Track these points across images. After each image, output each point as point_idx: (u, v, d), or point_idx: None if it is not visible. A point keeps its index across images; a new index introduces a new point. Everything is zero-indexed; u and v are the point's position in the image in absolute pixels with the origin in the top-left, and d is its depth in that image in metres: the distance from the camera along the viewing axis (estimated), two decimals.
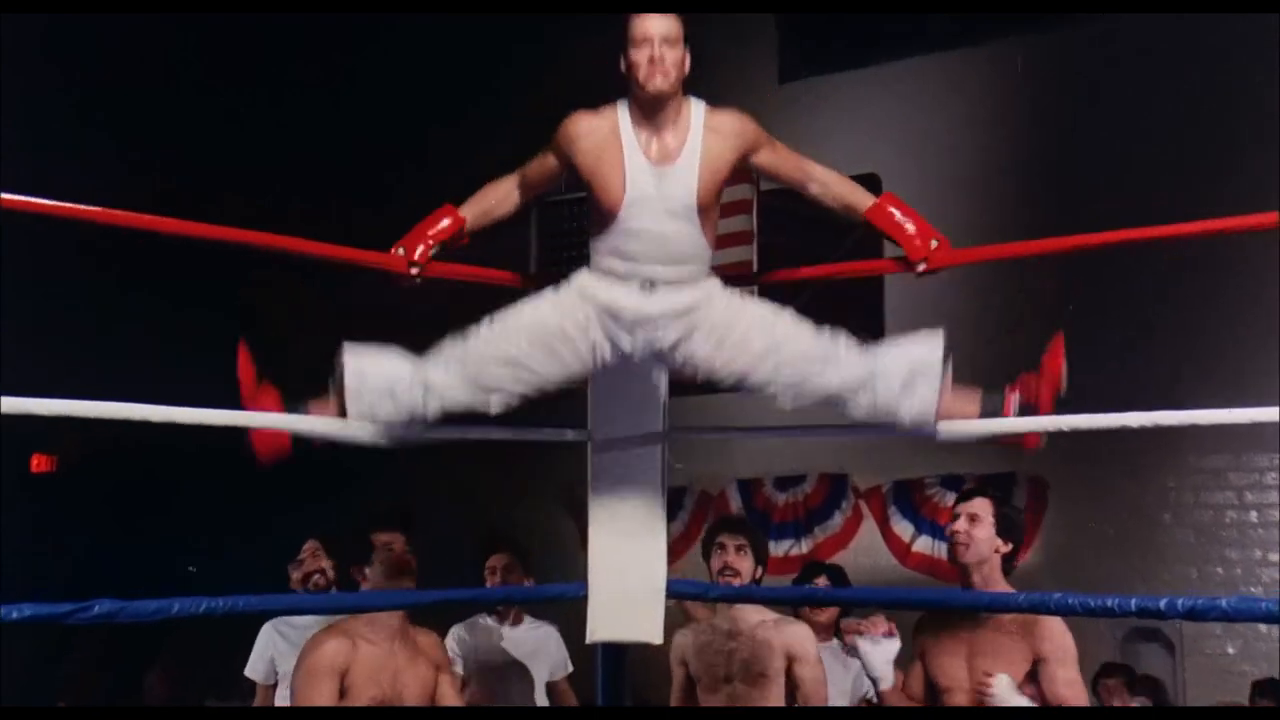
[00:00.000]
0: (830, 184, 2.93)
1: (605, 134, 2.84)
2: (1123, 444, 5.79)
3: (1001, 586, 3.41)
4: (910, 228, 2.91)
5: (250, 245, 2.86)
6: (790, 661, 3.84)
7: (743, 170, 2.93)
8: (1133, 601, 2.60)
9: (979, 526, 3.43)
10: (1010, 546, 3.49)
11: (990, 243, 6.31)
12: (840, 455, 6.59)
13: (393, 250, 2.97)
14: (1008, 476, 6.13)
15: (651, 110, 2.83)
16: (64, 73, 6.76)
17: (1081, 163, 6.23)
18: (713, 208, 2.86)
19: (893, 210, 2.93)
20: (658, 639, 3.29)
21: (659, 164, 2.81)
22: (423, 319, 2.99)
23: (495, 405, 2.90)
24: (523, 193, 3.02)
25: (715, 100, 2.93)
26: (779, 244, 6.46)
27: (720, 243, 6.81)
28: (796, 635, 3.87)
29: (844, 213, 2.94)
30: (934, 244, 2.90)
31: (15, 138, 5.99)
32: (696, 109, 2.87)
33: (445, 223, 2.99)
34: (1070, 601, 2.68)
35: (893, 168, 6.64)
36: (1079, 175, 6.23)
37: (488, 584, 4.59)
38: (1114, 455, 5.77)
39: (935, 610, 3.44)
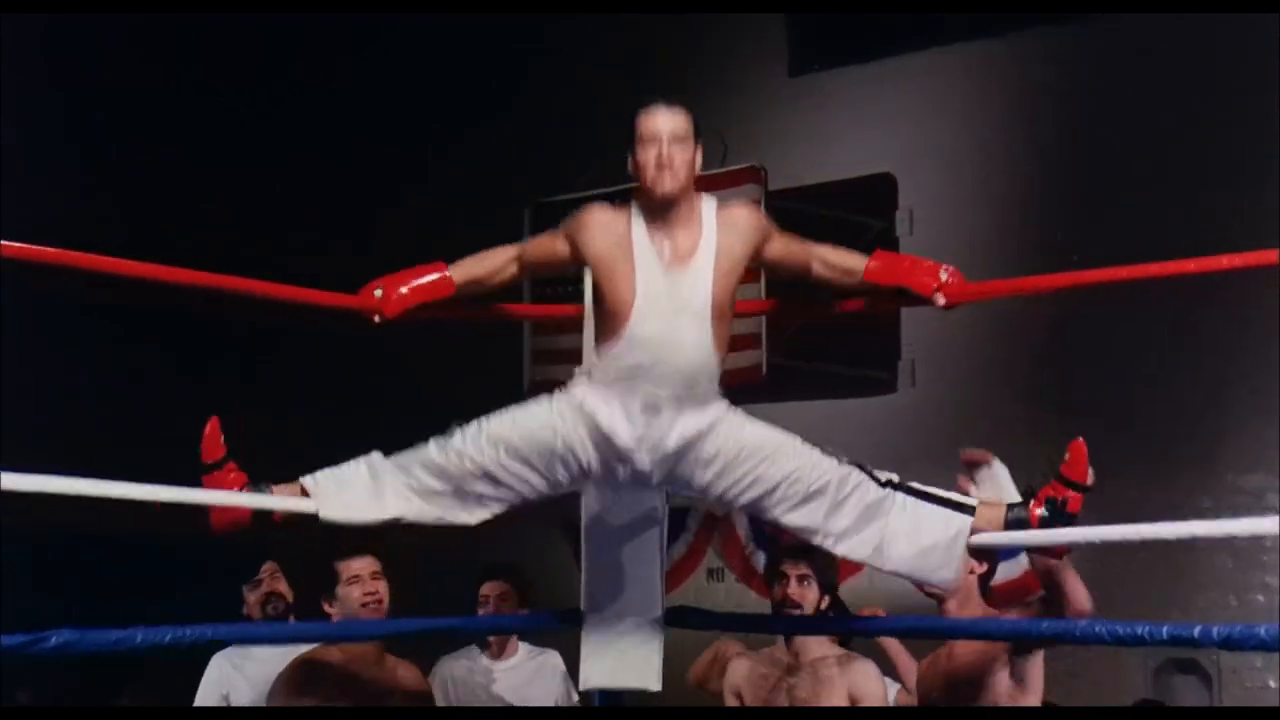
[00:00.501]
0: (829, 256, 2.99)
1: (618, 232, 2.85)
2: (1156, 460, 5.76)
3: (981, 610, 3.38)
4: (915, 266, 2.95)
5: (207, 288, 2.85)
6: (853, 702, 3.76)
7: (753, 268, 2.95)
8: (1164, 629, 2.58)
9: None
10: (985, 567, 3.46)
11: (1011, 245, 6.34)
12: None
13: (370, 289, 2.96)
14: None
15: (662, 211, 2.84)
16: (64, 73, 6.90)
17: (1104, 160, 6.20)
18: (726, 312, 2.87)
19: (891, 259, 2.99)
20: (655, 685, 3.28)
21: (672, 266, 2.82)
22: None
23: (474, 520, 2.93)
24: (520, 269, 3.02)
25: (724, 93, 2.93)
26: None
27: None
28: (862, 673, 3.78)
29: (845, 279, 3.01)
30: (944, 275, 2.92)
31: (14, 137, 6.13)
32: (708, 206, 2.89)
33: (430, 279, 2.97)
34: (1098, 629, 2.67)
35: (908, 166, 6.62)
36: (1102, 173, 6.20)
37: (480, 615, 4.53)
38: (1146, 472, 5.73)
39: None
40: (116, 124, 7.21)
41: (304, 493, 2.89)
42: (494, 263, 3.01)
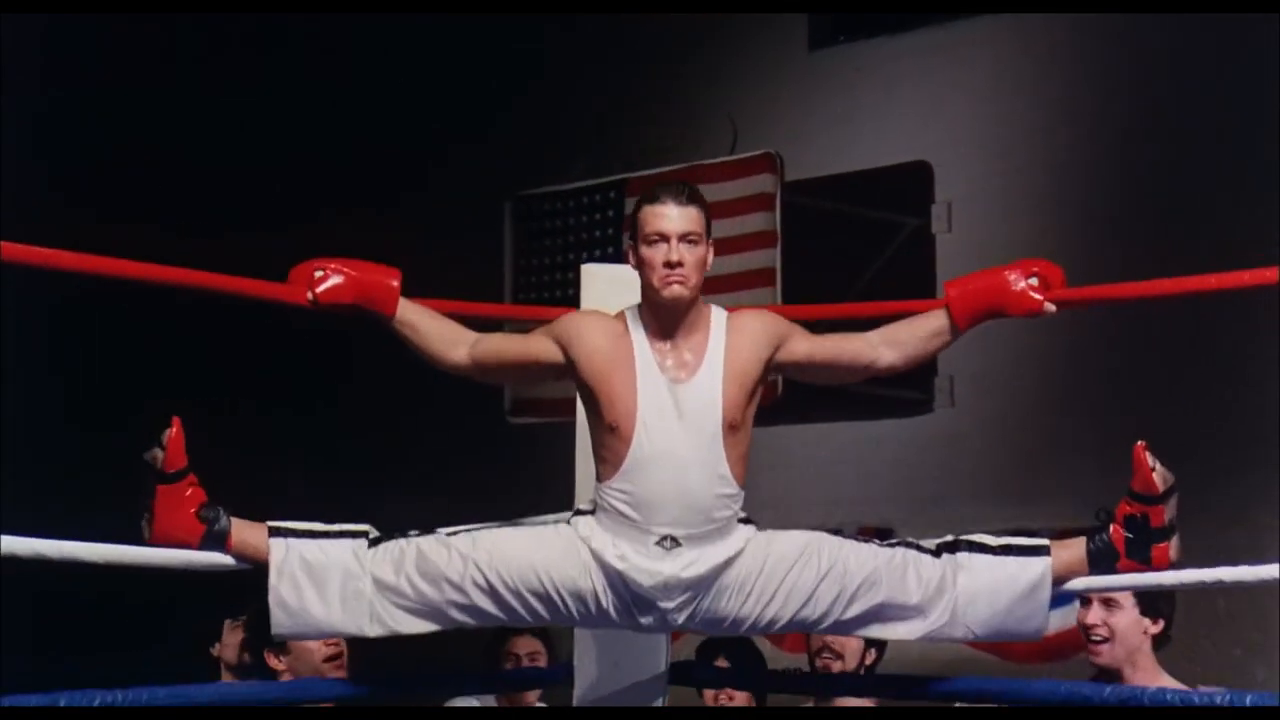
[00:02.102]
0: (899, 333, 3.00)
1: (616, 339, 2.88)
2: (1234, 493, 5.73)
3: (1157, 675, 3.35)
4: (999, 284, 2.94)
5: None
6: None
7: (770, 380, 3.00)
8: (1248, 698, 2.57)
9: (1118, 612, 3.39)
10: (1161, 625, 3.44)
11: (1064, 245, 6.30)
12: (884, 505, 6.55)
13: (311, 266, 2.97)
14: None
15: (666, 316, 2.88)
16: (60, 72, 7.33)
17: (1177, 151, 6.16)
18: (741, 429, 2.89)
19: (969, 285, 2.99)
20: None
21: (676, 380, 2.85)
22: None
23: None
24: (473, 359, 2.99)
25: (732, 70, 2.95)
26: (807, 247, 6.41)
27: (739, 245, 6.79)
28: None
29: (937, 341, 3.01)
30: (1033, 279, 2.95)
31: (13, 138, 6.48)
32: (717, 315, 2.93)
33: (380, 284, 2.97)
34: (1168, 696, 2.67)
35: (945, 154, 6.60)
36: (1175, 166, 6.16)
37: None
38: (1223, 505, 5.70)
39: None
40: (113, 124, 7.54)
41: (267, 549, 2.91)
42: (446, 330, 3.01)
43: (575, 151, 7.17)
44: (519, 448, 6.62)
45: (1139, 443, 2.97)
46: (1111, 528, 2.93)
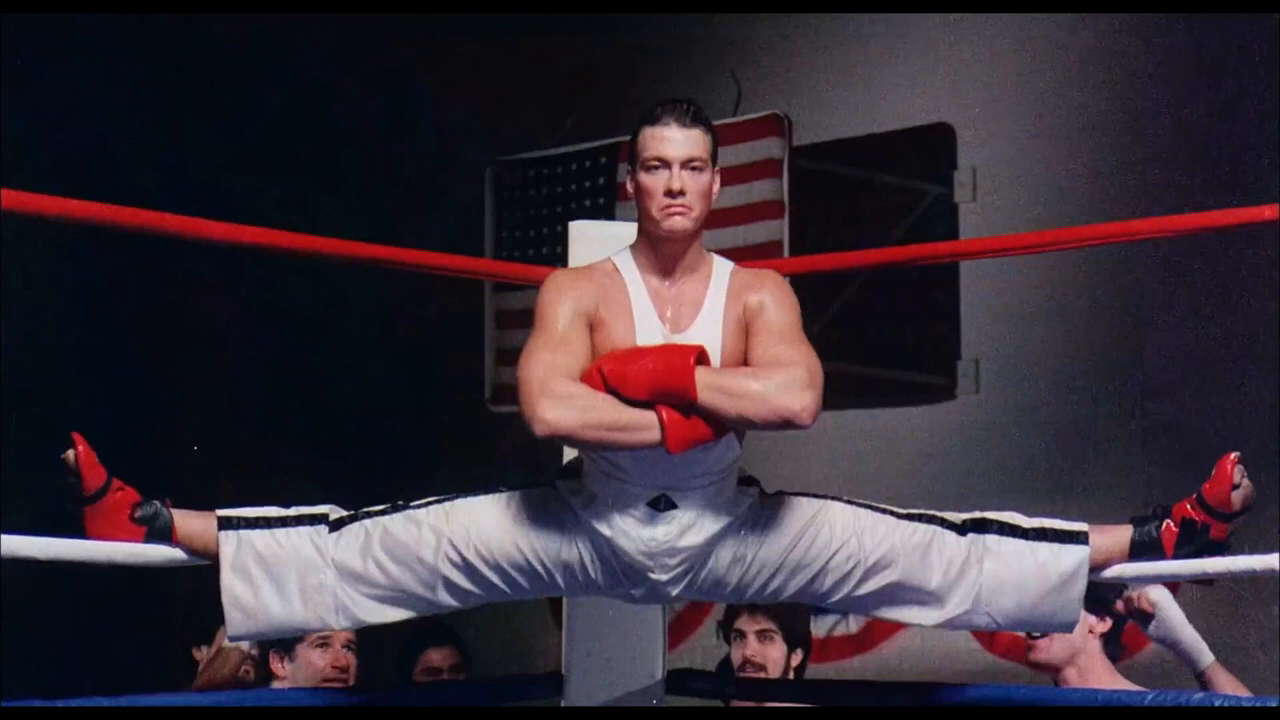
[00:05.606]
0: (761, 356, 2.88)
1: (608, 281, 2.85)
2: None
3: (1110, 677, 3.38)
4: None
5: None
6: None
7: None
8: None
9: None
10: (1109, 623, 3.47)
11: (1099, 213, 6.31)
12: (904, 500, 6.53)
13: None
14: None
15: (666, 253, 2.85)
16: (59, 72, 7.55)
17: (1218, 115, 6.17)
18: None
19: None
20: None
21: (675, 330, 2.83)
22: None
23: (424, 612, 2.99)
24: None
25: (736, 23, 2.94)
26: (818, 218, 6.42)
27: (743, 215, 6.81)
28: None
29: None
30: None
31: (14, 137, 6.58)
32: (721, 263, 2.89)
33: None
34: (1217, 703, 2.68)
35: (970, 116, 6.60)
36: (1216, 129, 6.17)
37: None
38: (1274, 501, 5.71)
39: None
40: (113, 124, 7.66)
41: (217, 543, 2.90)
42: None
43: (563, 113, 7.18)
44: (501, 436, 6.66)
45: (1231, 454, 2.93)
46: (1165, 523, 2.92)
